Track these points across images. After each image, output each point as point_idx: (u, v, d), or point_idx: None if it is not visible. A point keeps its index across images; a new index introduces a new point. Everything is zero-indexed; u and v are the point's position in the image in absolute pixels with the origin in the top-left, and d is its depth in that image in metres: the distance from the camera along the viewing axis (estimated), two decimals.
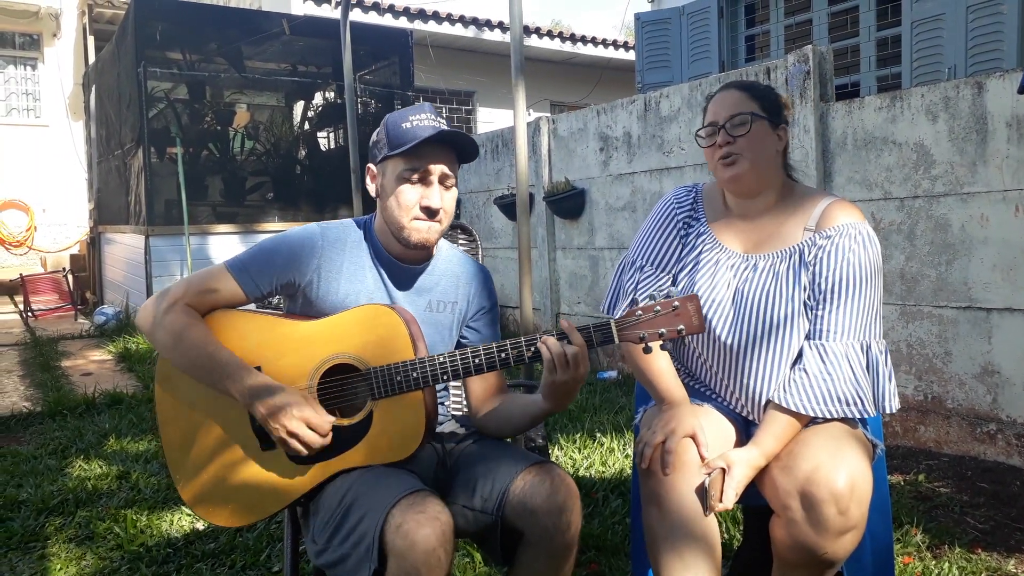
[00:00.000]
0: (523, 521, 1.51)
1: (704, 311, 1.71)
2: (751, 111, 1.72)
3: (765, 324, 1.69)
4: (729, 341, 1.72)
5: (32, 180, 10.81)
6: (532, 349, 1.52)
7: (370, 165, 1.74)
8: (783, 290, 1.68)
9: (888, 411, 1.65)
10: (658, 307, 1.48)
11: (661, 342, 1.48)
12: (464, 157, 1.71)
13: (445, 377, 1.55)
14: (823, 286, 1.65)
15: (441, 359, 1.54)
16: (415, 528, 1.36)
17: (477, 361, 1.54)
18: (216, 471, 1.61)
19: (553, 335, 1.51)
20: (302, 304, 1.70)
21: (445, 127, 1.64)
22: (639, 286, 1.83)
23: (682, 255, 1.83)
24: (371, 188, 1.74)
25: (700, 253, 1.80)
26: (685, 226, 1.84)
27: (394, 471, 1.55)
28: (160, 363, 1.68)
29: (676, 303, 1.47)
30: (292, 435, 1.51)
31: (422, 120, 1.63)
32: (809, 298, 1.67)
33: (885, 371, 1.64)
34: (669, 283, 1.82)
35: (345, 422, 1.57)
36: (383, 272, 1.71)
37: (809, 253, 1.69)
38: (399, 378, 1.54)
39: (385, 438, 1.56)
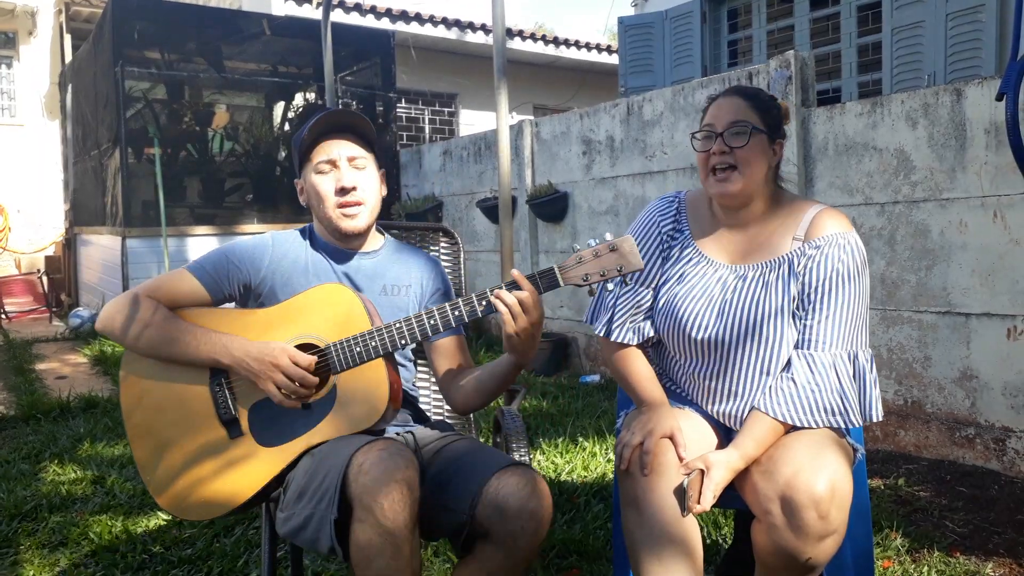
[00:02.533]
0: (492, 521, 1.50)
1: (692, 321, 1.72)
2: (752, 123, 1.69)
3: (753, 334, 1.68)
4: (718, 352, 1.71)
5: (6, 180, 10.62)
6: (484, 303, 1.57)
7: (296, 181, 1.85)
8: (772, 300, 1.67)
9: (873, 420, 1.65)
10: (597, 251, 1.55)
11: (602, 281, 1.55)
12: (369, 139, 1.80)
13: (403, 342, 1.59)
14: (812, 296, 1.65)
15: (397, 324, 1.59)
16: (376, 464, 1.39)
17: (432, 322, 1.59)
18: (186, 466, 1.63)
19: (501, 287, 1.57)
20: (262, 303, 1.77)
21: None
22: (618, 300, 1.81)
23: (664, 267, 1.81)
24: (302, 200, 1.84)
25: (685, 265, 1.78)
26: (669, 238, 1.82)
27: (364, 435, 1.57)
28: (124, 362, 1.72)
29: (613, 244, 1.55)
30: (279, 368, 1.56)
31: (318, 117, 1.74)
32: (798, 308, 1.67)
33: (871, 379, 1.64)
34: (650, 297, 1.81)
35: (310, 399, 1.61)
36: (330, 259, 1.81)
37: (798, 263, 1.68)
38: (358, 349, 1.59)
39: (351, 407, 1.60)
